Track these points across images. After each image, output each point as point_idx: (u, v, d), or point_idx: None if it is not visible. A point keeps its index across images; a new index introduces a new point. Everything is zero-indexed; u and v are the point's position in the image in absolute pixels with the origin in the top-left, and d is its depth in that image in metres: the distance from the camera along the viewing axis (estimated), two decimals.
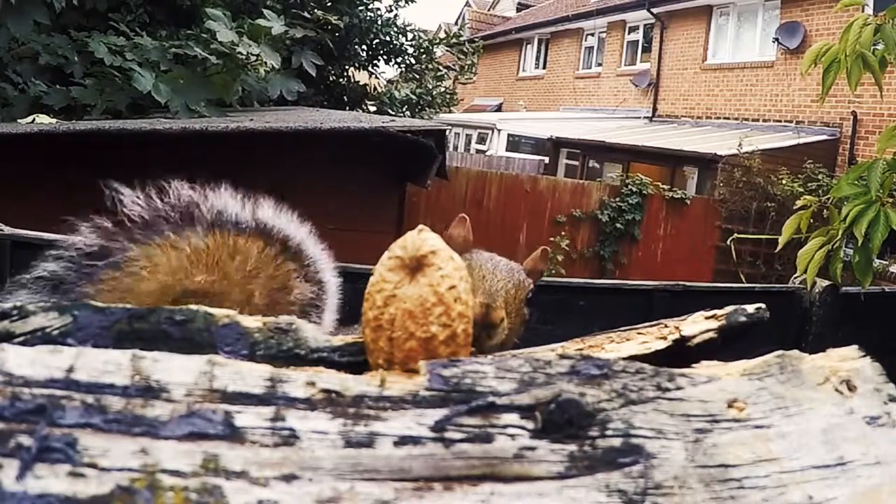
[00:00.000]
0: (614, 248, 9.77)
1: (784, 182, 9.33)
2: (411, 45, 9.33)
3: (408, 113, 8.92)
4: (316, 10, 7.45)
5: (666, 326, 0.81)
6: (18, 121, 5.04)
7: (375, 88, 9.22)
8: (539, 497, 0.54)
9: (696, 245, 9.84)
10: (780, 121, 11.87)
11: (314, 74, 7.19)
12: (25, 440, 0.49)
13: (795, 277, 3.27)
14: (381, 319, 0.64)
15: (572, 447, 0.56)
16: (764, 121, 12.16)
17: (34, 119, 4.95)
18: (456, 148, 15.32)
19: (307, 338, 0.66)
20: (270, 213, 1.07)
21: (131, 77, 5.32)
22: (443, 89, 10.05)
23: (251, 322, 0.66)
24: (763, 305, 0.83)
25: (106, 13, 6.27)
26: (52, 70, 5.69)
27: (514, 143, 15.32)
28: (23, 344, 0.59)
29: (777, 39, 11.93)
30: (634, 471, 0.56)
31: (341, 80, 8.88)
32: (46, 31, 5.72)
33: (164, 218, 0.98)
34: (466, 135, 16.20)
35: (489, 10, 25.16)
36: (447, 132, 6.61)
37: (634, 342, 0.79)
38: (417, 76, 9.70)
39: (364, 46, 8.88)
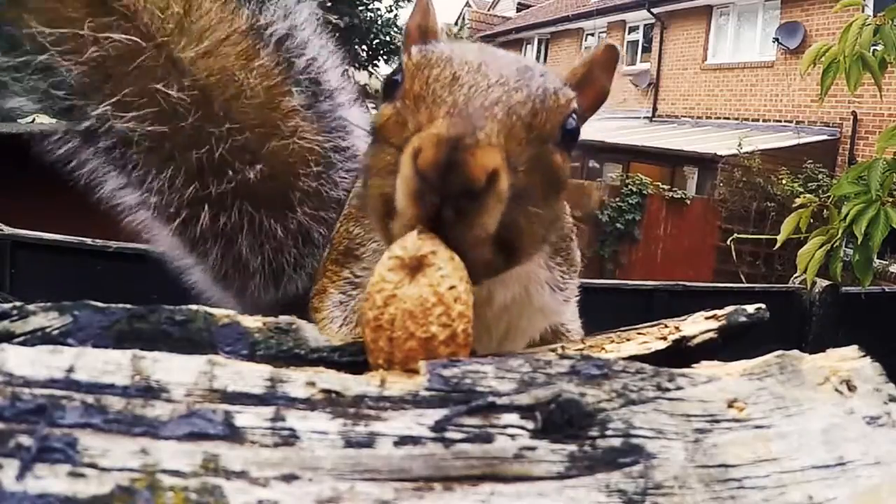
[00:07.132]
0: (614, 248, 9.77)
1: (784, 182, 9.34)
2: None
3: None
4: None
5: (666, 326, 0.81)
6: (18, 120, 5.03)
7: (375, 89, 9.22)
8: (539, 497, 0.54)
9: (696, 245, 9.83)
10: (780, 121, 11.87)
11: None
12: (25, 440, 0.49)
13: (795, 277, 3.27)
14: (381, 319, 0.64)
15: (572, 447, 0.56)
16: (764, 121, 12.16)
17: (34, 119, 4.93)
18: None
19: (307, 338, 0.66)
20: None
21: None
22: None
23: (251, 322, 0.66)
24: (763, 305, 0.83)
25: None
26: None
27: None
28: (23, 344, 0.59)
29: (777, 39, 11.94)
30: (634, 471, 0.56)
31: None
32: None
33: None
34: None
35: (489, 10, 25.15)
36: None
37: (634, 342, 0.78)
38: None
39: (364, 46, 8.88)
